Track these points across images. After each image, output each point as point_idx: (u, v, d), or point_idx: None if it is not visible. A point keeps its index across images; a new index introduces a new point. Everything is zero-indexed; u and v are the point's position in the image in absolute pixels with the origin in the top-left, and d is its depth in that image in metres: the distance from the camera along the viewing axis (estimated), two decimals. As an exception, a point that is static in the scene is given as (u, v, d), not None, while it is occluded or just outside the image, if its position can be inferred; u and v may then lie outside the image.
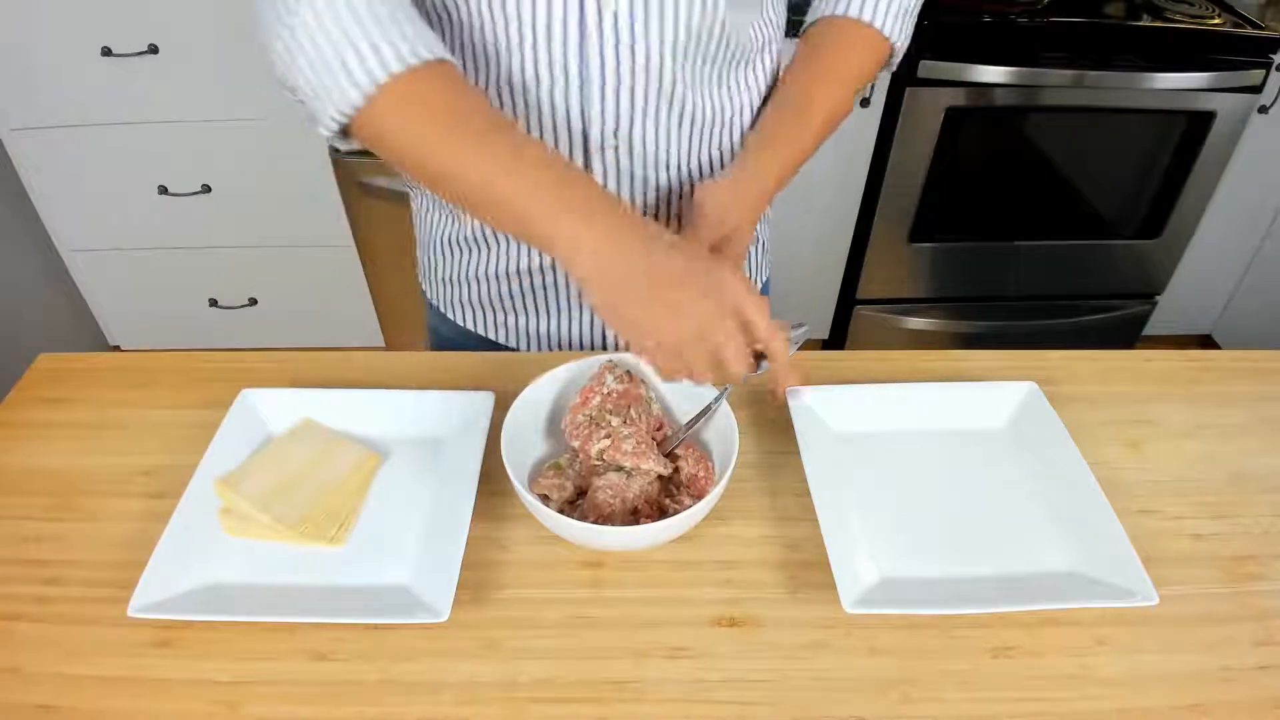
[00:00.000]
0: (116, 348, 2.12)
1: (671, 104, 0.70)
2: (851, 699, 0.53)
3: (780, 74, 0.78)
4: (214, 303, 2.02)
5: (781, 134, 0.73)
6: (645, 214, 0.77)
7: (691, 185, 0.78)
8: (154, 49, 1.61)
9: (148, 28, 1.59)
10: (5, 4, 1.54)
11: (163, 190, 1.80)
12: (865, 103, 1.67)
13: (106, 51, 1.60)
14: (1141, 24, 1.62)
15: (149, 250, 1.92)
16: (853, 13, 0.74)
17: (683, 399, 0.69)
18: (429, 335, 0.96)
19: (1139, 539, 0.59)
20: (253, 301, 2.03)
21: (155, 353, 0.80)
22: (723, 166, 0.79)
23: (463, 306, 0.87)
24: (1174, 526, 0.65)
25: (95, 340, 2.09)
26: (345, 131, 0.60)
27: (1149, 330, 2.08)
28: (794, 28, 0.78)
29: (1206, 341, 2.18)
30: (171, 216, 1.85)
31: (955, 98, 1.64)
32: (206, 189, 1.81)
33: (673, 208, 0.78)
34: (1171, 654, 0.56)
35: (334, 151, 1.74)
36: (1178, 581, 0.60)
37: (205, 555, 0.60)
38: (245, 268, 1.96)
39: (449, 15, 0.67)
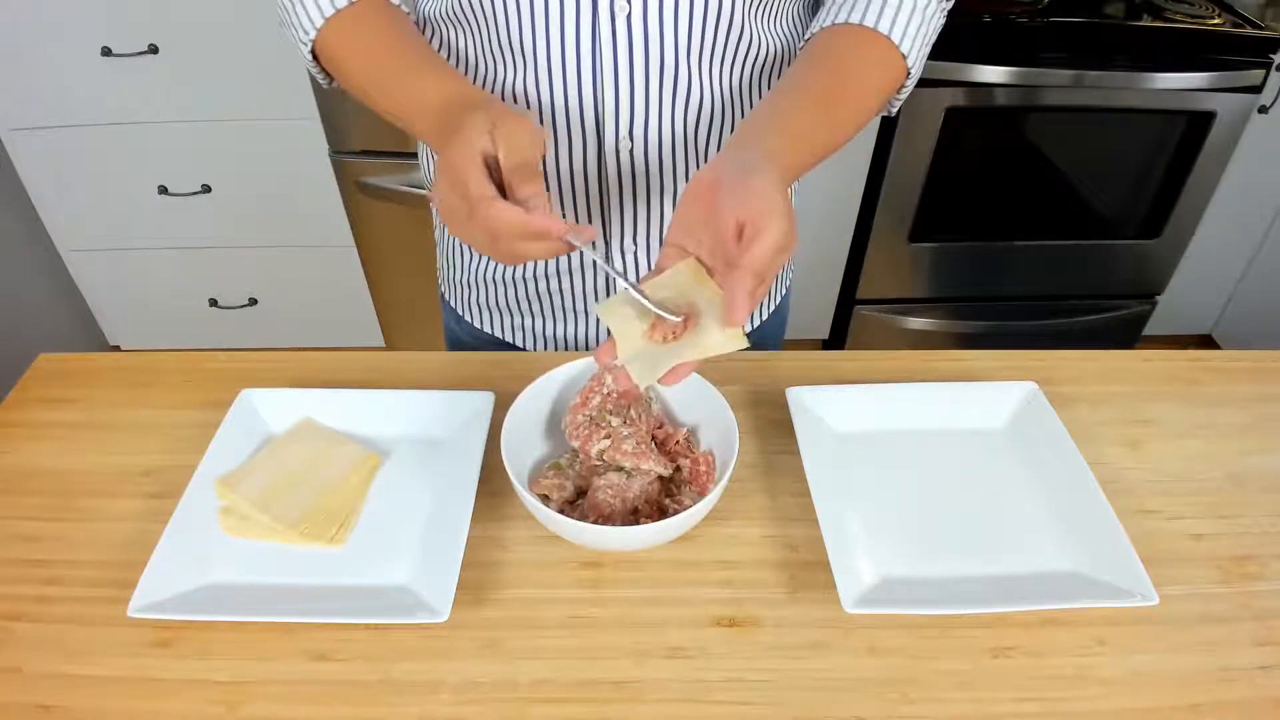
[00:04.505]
0: (116, 348, 2.12)
1: (688, 105, 0.70)
2: (851, 699, 0.53)
3: (783, 75, 0.68)
4: (214, 303, 2.02)
5: (793, 124, 0.60)
6: (665, 217, 0.77)
7: None
8: (154, 49, 1.61)
9: (148, 28, 1.59)
10: (5, 4, 1.54)
11: (163, 190, 1.80)
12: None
13: (106, 51, 1.60)
14: (1141, 24, 1.62)
15: (149, 250, 1.92)
16: (869, 21, 0.64)
17: (683, 401, 0.69)
18: (445, 336, 0.97)
19: (1139, 539, 0.59)
20: (253, 301, 2.03)
21: (155, 353, 0.80)
22: None
23: (479, 308, 0.88)
24: (1174, 526, 0.65)
25: (95, 340, 2.09)
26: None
27: (1149, 330, 2.08)
28: None
29: (1206, 341, 2.18)
30: (171, 216, 1.85)
31: (955, 98, 1.64)
32: (206, 189, 1.81)
33: None
34: (1171, 654, 0.56)
35: (334, 152, 1.74)
36: (1178, 581, 0.60)
37: (205, 555, 0.60)
38: (245, 268, 1.96)
39: (465, 21, 0.68)
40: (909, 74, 0.68)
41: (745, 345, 0.52)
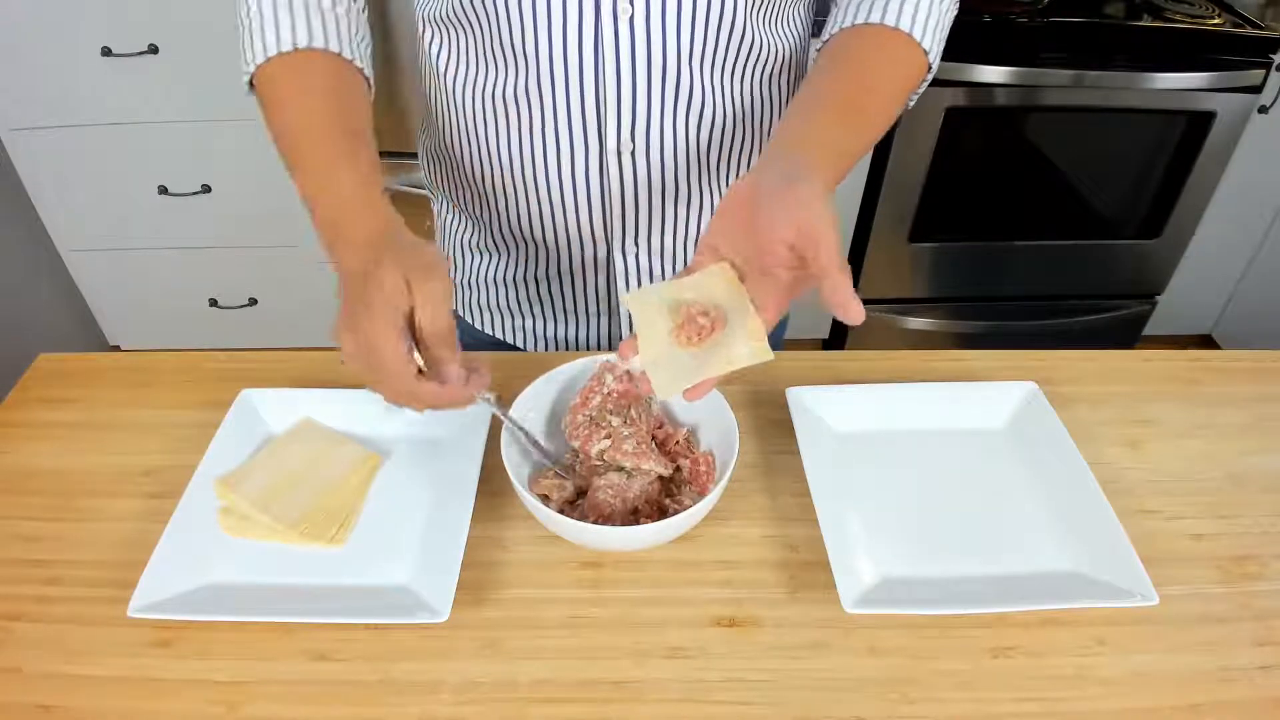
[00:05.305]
0: (116, 348, 2.12)
1: (689, 108, 0.70)
2: (851, 699, 0.53)
3: (807, 80, 0.67)
4: (214, 303, 2.02)
5: (828, 136, 0.60)
6: (666, 221, 0.76)
7: (712, 195, 0.76)
8: (154, 49, 1.61)
9: (148, 28, 1.59)
10: (5, 4, 1.54)
11: (163, 190, 1.80)
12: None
13: (106, 51, 1.60)
14: (1141, 24, 1.62)
15: (149, 250, 1.92)
16: (889, 20, 0.64)
17: (683, 401, 0.69)
18: None
19: (1139, 539, 0.59)
20: (253, 301, 2.03)
21: (155, 353, 0.80)
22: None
23: (479, 310, 0.88)
24: (1174, 526, 0.65)
25: (95, 340, 2.09)
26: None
27: (1149, 330, 2.08)
28: (819, 28, 0.73)
29: (1206, 341, 2.18)
30: (171, 216, 1.85)
31: (955, 98, 1.64)
32: (206, 189, 1.81)
33: (691, 214, 0.77)
34: (1171, 654, 0.56)
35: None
36: (1178, 581, 0.60)
37: (205, 555, 0.60)
38: (245, 268, 1.96)
39: (466, 23, 0.68)
40: (929, 70, 0.68)
41: (771, 359, 0.52)
